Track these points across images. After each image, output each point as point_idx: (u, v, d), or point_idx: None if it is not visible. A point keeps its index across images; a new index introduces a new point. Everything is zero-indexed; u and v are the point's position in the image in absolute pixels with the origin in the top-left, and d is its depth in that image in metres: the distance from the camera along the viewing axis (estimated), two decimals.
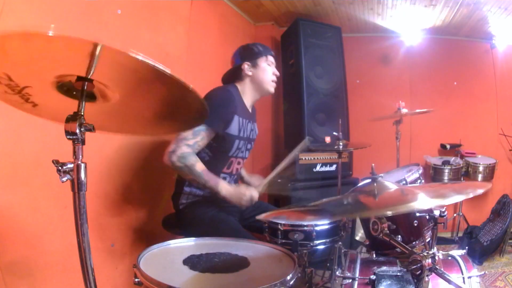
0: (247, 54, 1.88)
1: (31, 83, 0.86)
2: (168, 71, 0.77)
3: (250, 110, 1.95)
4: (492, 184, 3.61)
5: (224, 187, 1.67)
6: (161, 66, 0.76)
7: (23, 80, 0.84)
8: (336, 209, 1.13)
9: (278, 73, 1.94)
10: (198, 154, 1.71)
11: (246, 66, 1.86)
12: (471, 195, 0.91)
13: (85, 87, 0.87)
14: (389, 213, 0.91)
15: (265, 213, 1.21)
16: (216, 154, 1.77)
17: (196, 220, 1.74)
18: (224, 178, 1.81)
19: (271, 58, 1.91)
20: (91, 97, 0.92)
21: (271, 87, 1.92)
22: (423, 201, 0.96)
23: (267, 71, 1.89)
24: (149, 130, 1.25)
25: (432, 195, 1.00)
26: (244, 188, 1.71)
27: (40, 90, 0.89)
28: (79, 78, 0.85)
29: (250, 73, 1.87)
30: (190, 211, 1.79)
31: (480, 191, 0.93)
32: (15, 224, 1.45)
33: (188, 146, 1.63)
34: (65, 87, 0.89)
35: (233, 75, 1.91)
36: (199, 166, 1.63)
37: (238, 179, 2.04)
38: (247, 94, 1.91)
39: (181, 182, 1.82)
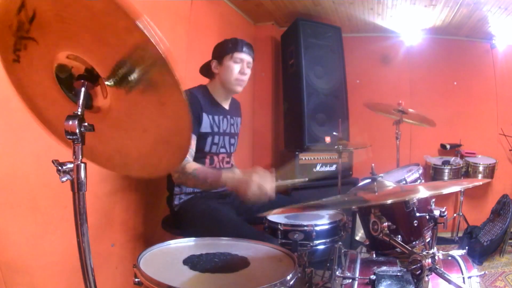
0: (216, 51, 1.88)
1: (41, 39, 0.82)
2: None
3: (226, 106, 1.94)
4: (491, 182, 3.62)
5: (229, 177, 1.53)
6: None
7: (39, 32, 0.80)
8: (336, 204, 1.13)
9: (246, 72, 1.83)
10: None
11: (213, 64, 1.86)
12: (470, 186, 0.92)
13: (86, 87, 0.87)
14: (389, 201, 0.92)
15: (266, 212, 1.20)
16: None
17: (195, 218, 1.74)
18: None
19: (239, 55, 1.80)
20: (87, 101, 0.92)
21: (236, 86, 1.84)
22: (422, 192, 0.96)
23: (231, 69, 1.80)
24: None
25: (431, 188, 1.00)
26: (251, 175, 1.45)
27: (40, 57, 0.86)
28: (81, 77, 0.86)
29: (216, 71, 1.86)
30: (186, 210, 1.78)
31: (478, 183, 0.93)
32: (15, 224, 1.45)
33: None
34: (64, 78, 0.89)
35: (206, 72, 1.93)
36: (190, 166, 1.58)
37: None
38: (217, 92, 1.90)
39: (171, 184, 1.82)
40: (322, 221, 1.71)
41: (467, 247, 2.97)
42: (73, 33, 0.79)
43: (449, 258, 1.29)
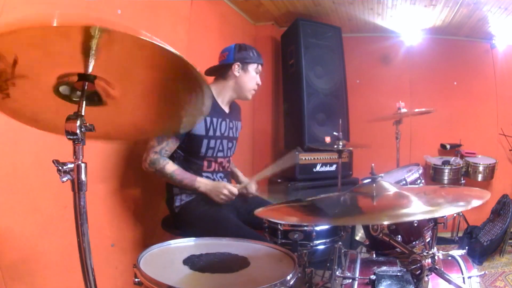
0: (242, 56, 1.89)
1: (30, 74, 0.83)
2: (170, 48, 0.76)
3: (226, 110, 1.96)
4: (491, 182, 3.62)
5: (202, 182, 1.77)
6: (160, 43, 0.74)
7: (25, 69, 0.81)
8: (333, 211, 1.12)
9: (260, 83, 1.97)
10: (173, 157, 1.79)
11: (236, 66, 1.88)
12: (469, 207, 0.90)
13: (86, 87, 0.87)
14: (386, 222, 0.91)
15: (262, 208, 1.19)
16: (188, 155, 1.82)
17: (196, 221, 1.74)
18: (208, 178, 1.85)
19: (260, 67, 1.95)
20: (92, 100, 0.93)
21: (250, 94, 1.96)
22: (418, 214, 0.94)
23: (253, 78, 1.92)
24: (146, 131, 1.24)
25: (428, 203, 0.98)
26: (222, 184, 1.77)
27: (32, 86, 0.88)
28: (80, 77, 0.86)
29: (237, 74, 1.89)
30: (187, 212, 1.79)
31: (477, 203, 0.91)
32: (15, 224, 1.45)
33: (156, 152, 1.72)
34: (64, 89, 0.89)
35: (218, 71, 1.94)
36: (169, 167, 1.72)
37: (230, 178, 2.05)
38: (224, 94, 1.93)
39: (170, 185, 1.84)
40: (320, 222, 1.70)
41: (467, 247, 2.97)
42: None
43: (449, 258, 1.29)
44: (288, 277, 1.00)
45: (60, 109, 0.92)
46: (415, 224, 1.53)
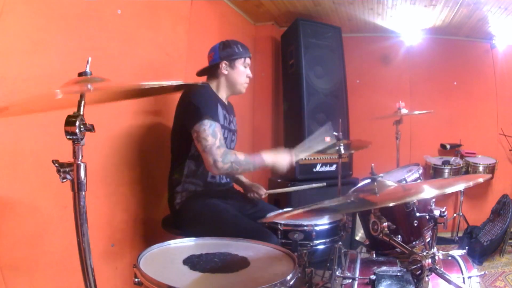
0: (227, 53, 1.91)
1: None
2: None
3: (226, 104, 2.00)
4: (491, 182, 3.63)
5: (269, 157, 1.74)
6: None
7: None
8: (338, 206, 1.12)
9: (251, 76, 1.98)
10: (187, 155, 1.79)
11: (223, 65, 1.90)
12: (471, 184, 0.93)
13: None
14: (392, 204, 0.93)
15: (268, 216, 1.21)
16: None
17: (196, 215, 1.75)
18: (213, 176, 1.87)
19: (248, 60, 1.96)
20: None
21: (243, 88, 1.98)
22: (426, 191, 0.97)
23: (242, 73, 1.94)
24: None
25: (434, 186, 1.01)
26: (282, 155, 1.76)
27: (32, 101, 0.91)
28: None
29: (226, 72, 1.92)
30: (187, 208, 1.79)
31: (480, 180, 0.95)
32: (15, 224, 1.45)
33: (218, 147, 1.65)
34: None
35: (209, 72, 1.97)
36: (240, 155, 1.69)
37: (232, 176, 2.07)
38: (221, 90, 1.97)
39: (172, 185, 1.84)
40: (322, 221, 1.71)
41: (467, 247, 2.97)
42: None
43: (449, 258, 1.29)
44: (288, 277, 1.00)
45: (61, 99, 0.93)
46: (415, 224, 1.53)
